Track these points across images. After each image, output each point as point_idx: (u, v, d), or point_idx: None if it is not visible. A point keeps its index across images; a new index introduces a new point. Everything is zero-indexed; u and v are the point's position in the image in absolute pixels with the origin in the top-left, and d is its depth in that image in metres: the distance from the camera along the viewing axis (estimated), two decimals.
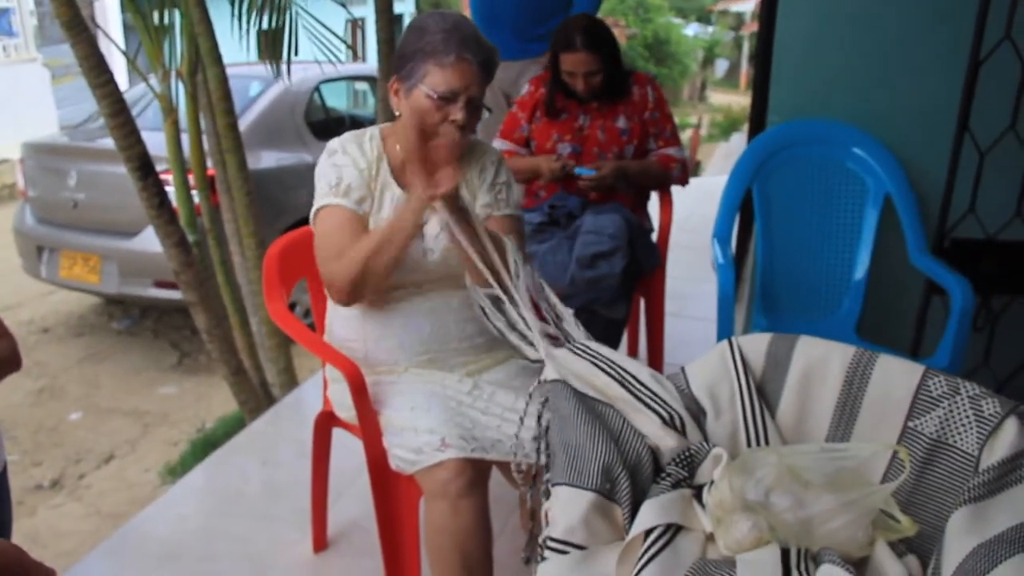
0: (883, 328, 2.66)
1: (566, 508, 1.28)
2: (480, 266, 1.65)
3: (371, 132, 1.90)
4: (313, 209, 1.84)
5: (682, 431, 1.42)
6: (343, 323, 1.91)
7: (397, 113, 1.83)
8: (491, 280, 1.64)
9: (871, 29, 2.51)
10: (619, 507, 1.29)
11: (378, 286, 1.79)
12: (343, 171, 1.82)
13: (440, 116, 1.75)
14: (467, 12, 3.80)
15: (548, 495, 1.32)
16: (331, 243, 1.79)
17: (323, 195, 1.82)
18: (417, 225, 1.70)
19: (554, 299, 1.68)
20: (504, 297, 1.63)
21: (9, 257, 6.00)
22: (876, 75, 2.55)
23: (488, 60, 1.77)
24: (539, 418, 1.45)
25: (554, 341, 1.58)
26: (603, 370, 1.47)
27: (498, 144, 2.85)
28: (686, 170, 2.84)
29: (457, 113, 1.74)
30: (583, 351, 1.53)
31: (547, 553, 1.25)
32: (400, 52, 1.79)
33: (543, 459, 1.40)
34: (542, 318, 1.62)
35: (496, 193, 1.91)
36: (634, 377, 1.46)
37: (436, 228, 1.81)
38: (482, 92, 1.78)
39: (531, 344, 1.61)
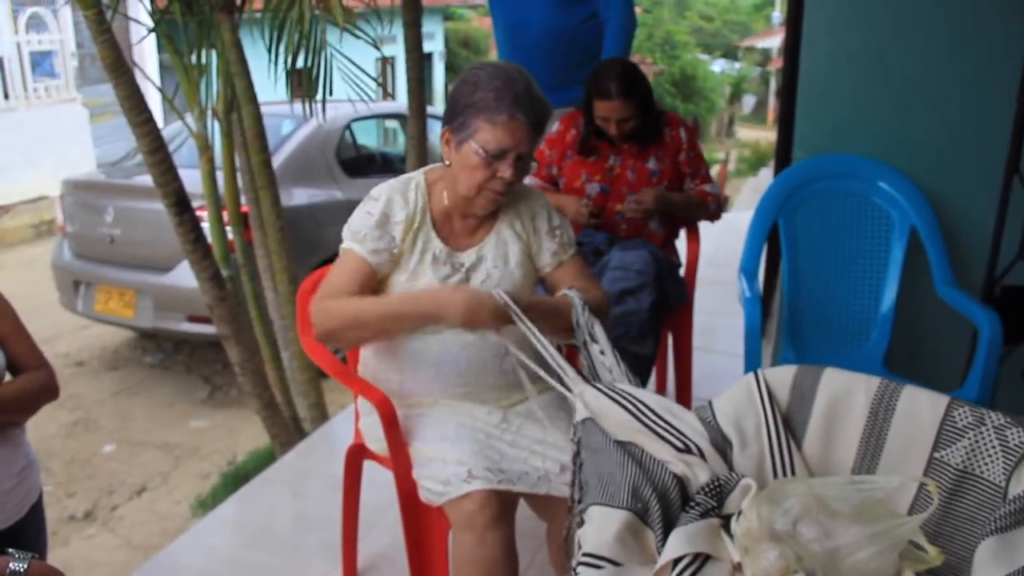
0: (911, 360, 2.64)
1: (599, 525, 1.29)
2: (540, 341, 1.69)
3: (416, 180, 1.89)
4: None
5: (700, 459, 1.43)
6: (380, 354, 1.93)
7: (447, 163, 1.83)
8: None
9: (893, 64, 2.54)
10: (652, 531, 1.30)
11: (352, 345, 1.84)
12: (366, 220, 1.83)
13: (488, 172, 1.76)
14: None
15: (582, 524, 1.33)
16: (330, 282, 1.83)
17: (346, 238, 1.85)
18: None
19: (602, 339, 1.72)
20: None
21: (47, 291, 6.10)
22: (900, 109, 2.56)
23: (540, 119, 1.77)
24: (574, 457, 1.47)
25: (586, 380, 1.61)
26: (621, 405, 1.49)
27: (529, 182, 2.88)
28: (720, 206, 2.85)
29: (506, 171, 1.75)
30: (605, 389, 1.55)
31: (580, 569, 1.26)
32: (452, 103, 1.79)
33: (577, 494, 1.42)
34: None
35: (559, 238, 1.94)
36: (649, 408, 1.48)
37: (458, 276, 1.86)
38: (532, 149, 1.79)
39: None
